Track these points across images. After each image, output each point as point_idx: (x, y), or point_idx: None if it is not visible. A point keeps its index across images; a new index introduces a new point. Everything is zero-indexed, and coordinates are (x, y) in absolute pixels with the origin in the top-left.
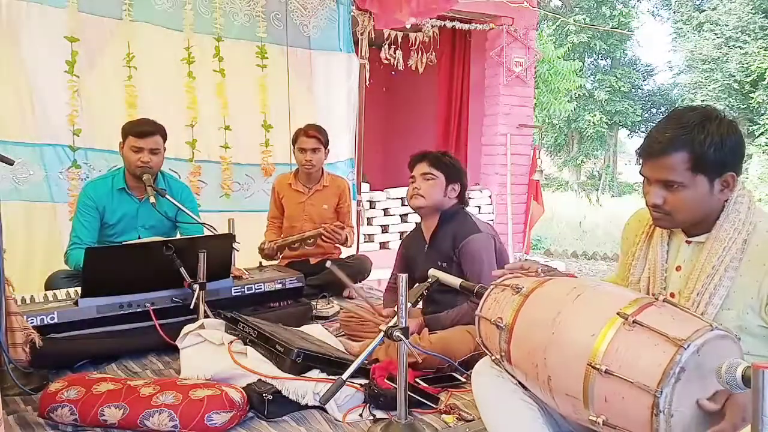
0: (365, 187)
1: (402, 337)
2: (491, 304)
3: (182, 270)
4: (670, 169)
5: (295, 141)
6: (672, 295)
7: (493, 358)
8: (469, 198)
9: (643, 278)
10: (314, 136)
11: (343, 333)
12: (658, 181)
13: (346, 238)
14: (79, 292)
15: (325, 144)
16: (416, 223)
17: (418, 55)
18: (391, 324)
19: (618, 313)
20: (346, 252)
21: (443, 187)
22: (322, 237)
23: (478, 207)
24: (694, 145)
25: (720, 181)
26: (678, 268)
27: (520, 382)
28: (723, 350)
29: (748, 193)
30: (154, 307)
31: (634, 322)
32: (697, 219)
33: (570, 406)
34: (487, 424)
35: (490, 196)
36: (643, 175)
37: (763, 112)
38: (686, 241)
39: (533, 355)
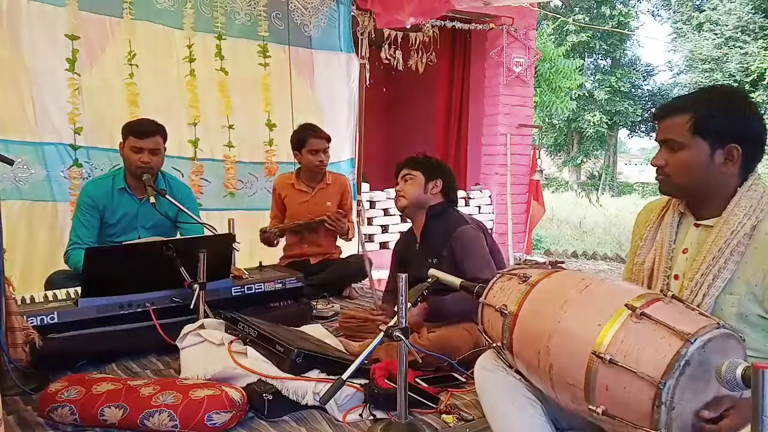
0: (365, 187)
1: (402, 337)
2: (497, 292)
3: (182, 270)
4: (672, 128)
5: (302, 143)
6: (676, 277)
7: (494, 345)
8: (469, 198)
9: (648, 259)
10: (325, 137)
11: (342, 333)
12: (662, 141)
13: (348, 229)
14: (79, 292)
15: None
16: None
17: (418, 55)
18: (391, 324)
19: (626, 305)
20: (346, 252)
21: (422, 183)
22: (326, 224)
23: (478, 207)
24: (697, 108)
25: (723, 152)
26: (685, 251)
27: (521, 376)
28: (727, 349)
29: (763, 184)
30: (154, 307)
31: (641, 314)
32: (696, 186)
33: (570, 395)
34: (489, 417)
35: (490, 196)
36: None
37: (763, 112)
38: (695, 224)
39: (537, 342)
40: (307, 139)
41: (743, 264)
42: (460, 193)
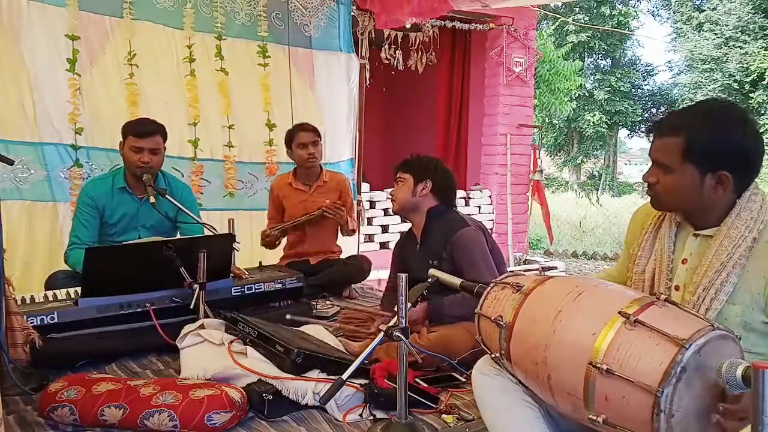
0: (365, 187)
1: (402, 337)
2: (491, 302)
3: (182, 270)
4: (664, 150)
5: (290, 141)
6: (677, 288)
7: (492, 356)
8: (469, 198)
9: (648, 270)
10: (311, 129)
11: (342, 333)
12: (655, 160)
13: (348, 221)
14: (79, 292)
15: (320, 138)
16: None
17: (418, 55)
18: (391, 324)
19: (620, 312)
20: (346, 252)
21: (411, 186)
22: (326, 213)
23: (478, 207)
24: (691, 133)
25: (713, 177)
26: (684, 261)
27: (520, 382)
28: (724, 350)
29: (762, 193)
30: (154, 307)
31: (635, 321)
32: (685, 208)
33: (570, 405)
34: (487, 422)
35: (490, 196)
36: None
37: (763, 112)
38: (693, 234)
39: (534, 353)
40: (295, 133)
41: (746, 274)
42: (460, 193)
